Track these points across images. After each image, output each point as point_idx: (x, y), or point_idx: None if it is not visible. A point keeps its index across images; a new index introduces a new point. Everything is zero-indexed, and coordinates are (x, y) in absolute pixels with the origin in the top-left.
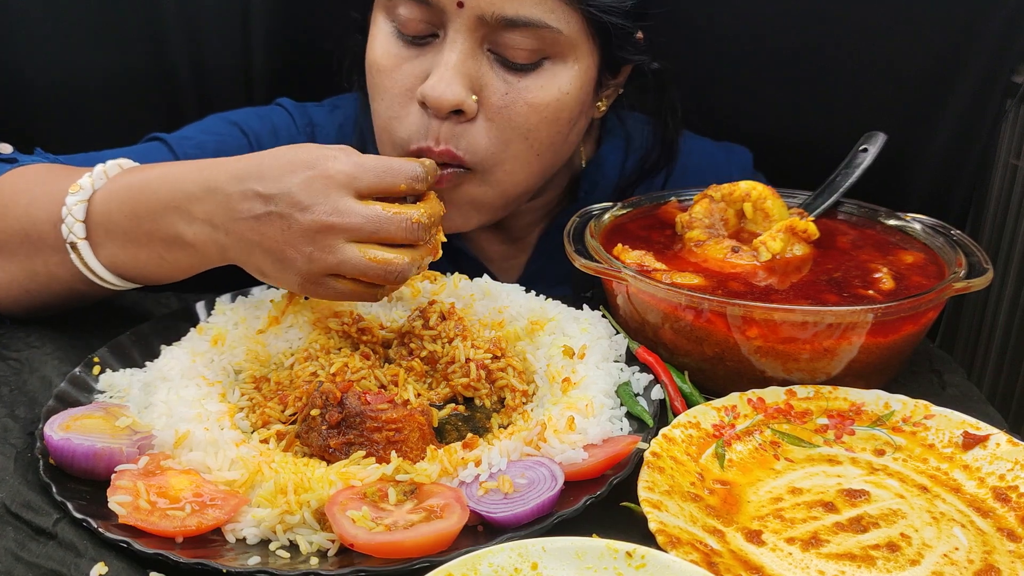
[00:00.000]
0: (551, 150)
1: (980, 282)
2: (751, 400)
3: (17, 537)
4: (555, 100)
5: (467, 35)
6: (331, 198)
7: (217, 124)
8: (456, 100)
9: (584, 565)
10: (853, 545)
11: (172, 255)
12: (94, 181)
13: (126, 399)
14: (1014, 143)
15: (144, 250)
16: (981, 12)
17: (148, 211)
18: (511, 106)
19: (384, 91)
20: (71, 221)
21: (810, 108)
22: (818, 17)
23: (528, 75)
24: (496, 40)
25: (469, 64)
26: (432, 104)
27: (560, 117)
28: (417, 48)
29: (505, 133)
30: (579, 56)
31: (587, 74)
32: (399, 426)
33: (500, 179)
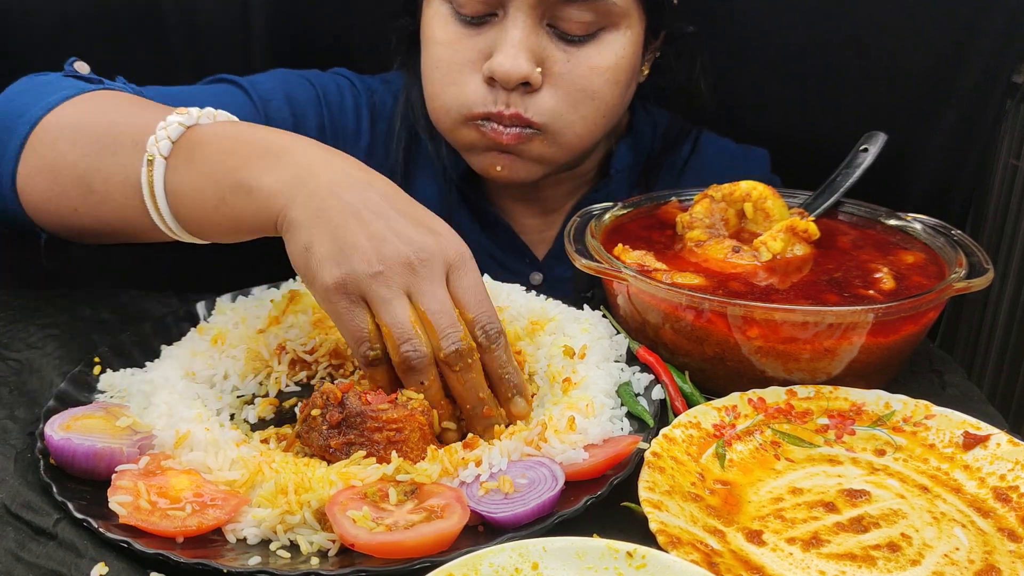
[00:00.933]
0: (613, 110)
1: (980, 282)
2: (752, 400)
3: (17, 538)
4: (614, 64)
5: (528, 12)
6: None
7: (287, 75)
8: (524, 73)
9: (585, 565)
10: (854, 545)
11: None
12: (202, 116)
13: (126, 399)
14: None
15: (211, 188)
16: (982, 12)
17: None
18: (574, 71)
19: (442, 61)
20: (162, 135)
21: (810, 108)
22: (818, 17)
23: (586, 45)
24: (555, 15)
25: (532, 39)
26: (502, 78)
27: (620, 79)
28: (475, 28)
29: (572, 95)
30: (630, 23)
31: (637, 39)
32: (400, 426)
33: (569, 140)
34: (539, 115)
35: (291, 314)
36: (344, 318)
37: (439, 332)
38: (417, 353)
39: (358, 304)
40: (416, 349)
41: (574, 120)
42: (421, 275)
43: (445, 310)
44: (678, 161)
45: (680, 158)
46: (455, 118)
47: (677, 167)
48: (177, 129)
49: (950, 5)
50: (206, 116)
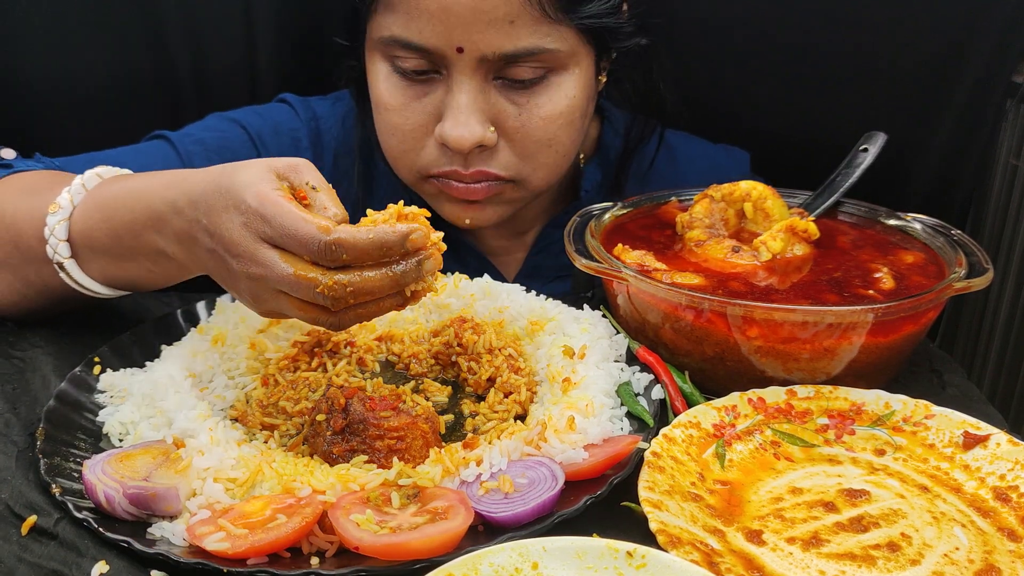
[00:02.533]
0: (574, 148)
1: (980, 282)
2: (751, 400)
3: (20, 538)
4: (566, 108)
5: (472, 74)
6: (251, 248)
7: (219, 122)
8: (477, 139)
9: (584, 565)
10: (853, 545)
11: (159, 266)
12: (72, 197)
13: (126, 399)
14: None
15: (131, 263)
16: (982, 12)
17: (126, 228)
18: (528, 124)
19: (395, 128)
20: (54, 242)
21: (811, 107)
22: (818, 17)
23: (535, 90)
24: (500, 71)
25: (480, 100)
26: (454, 146)
27: (574, 119)
28: (421, 85)
29: (529, 148)
30: (578, 61)
31: (588, 73)
32: (401, 434)
33: (536, 183)
34: (502, 168)
35: None
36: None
37: (292, 284)
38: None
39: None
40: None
41: (535, 167)
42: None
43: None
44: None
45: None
46: (416, 175)
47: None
48: (61, 227)
49: (950, 5)
50: (77, 192)
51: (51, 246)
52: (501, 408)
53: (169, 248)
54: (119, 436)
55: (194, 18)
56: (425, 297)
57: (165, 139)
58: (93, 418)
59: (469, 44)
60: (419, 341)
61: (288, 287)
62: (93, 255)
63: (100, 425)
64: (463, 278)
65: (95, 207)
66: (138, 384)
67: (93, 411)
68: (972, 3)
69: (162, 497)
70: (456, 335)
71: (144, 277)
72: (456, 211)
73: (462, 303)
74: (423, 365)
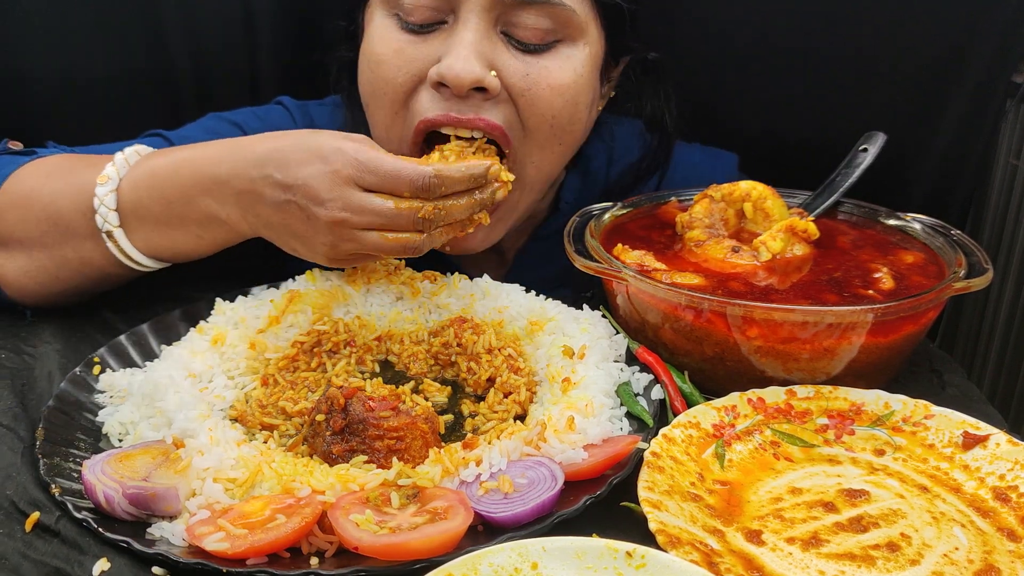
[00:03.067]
0: (570, 137)
1: (980, 282)
2: (751, 400)
3: (24, 535)
4: (573, 82)
5: (481, 14)
6: (344, 194)
7: (216, 123)
8: (477, 74)
9: (584, 565)
10: (853, 545)
11: (210, 233)
12: (118, 170)
13: (126, 399)
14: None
15: (180, 231)
16: (982, 12)
17: (179, 195)
18: (534, 88)
19: (386, 83)
20: (105, 211)
21: (810, 108)
22: (819, 17)
23: (543, 55)
24: (509, 20)
25: (484, 44)
26: (452, 82)
27: (578, 100)
28: (421, 36)
29: (532, 118)
30: (589, 40)
31: (596, 59)
32: (400, 434)
33: (524, 171)
34: (504, 120)
35: (291, 314)
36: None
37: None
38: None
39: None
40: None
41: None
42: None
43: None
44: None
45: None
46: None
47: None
48: (111, 197)
49: (951, 6)
50: (121, 166)
51: (101, 215)
52: (501, 408)
53: (223, 211)
54: (119, 436)
55: (194, 18)
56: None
57: (163, 137)
58: (93, 418)
59: None
60: (418, 341)
61: (388, 219)
62: (140, 224)
63: (100, 425)
64: (463, 278)
65: (144, 177)
66: (138, 384)
67: (93, 411)
68: (972, 6)
69: (162, 497)
70: (456, 335)
71: (190, 244)
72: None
73: (462, 303)
74: (422, 365)
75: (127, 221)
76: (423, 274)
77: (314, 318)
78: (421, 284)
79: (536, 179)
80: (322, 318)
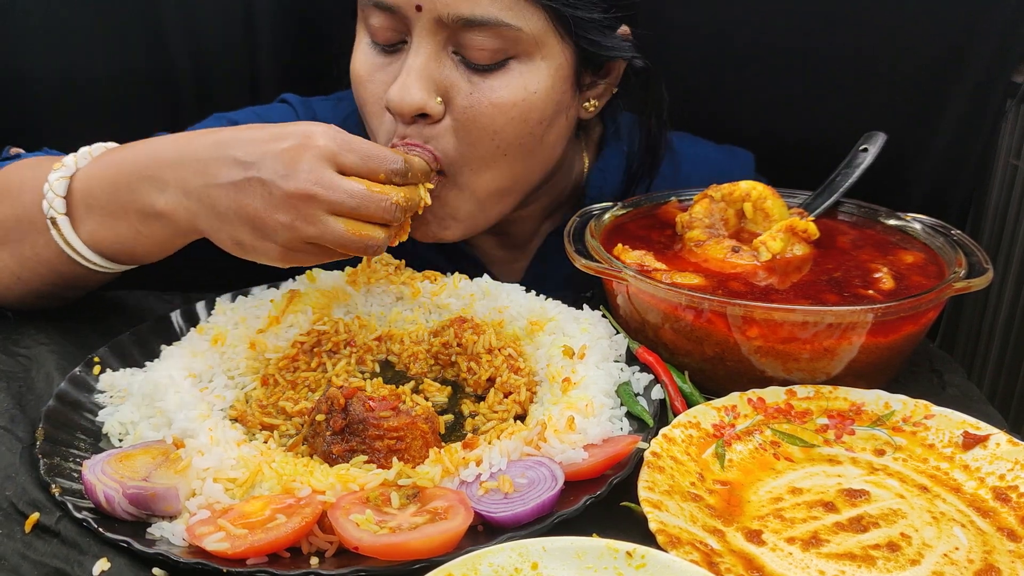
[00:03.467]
0: (521, 151)
1: (980, 282)
2: (751, 400)
3: (23, 536)
4: (521, 100)
5: (429, 38)
6: (316, 168)
7: (219, 122)
8: (417, 103)
9: (584, 565)
10: (853, 545)
11: (147, 227)
12: (78, 160)
13: (126, 399)
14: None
15: (122, 223)
16: (981, 12)
17: (125, 181)
18: (476, 106)
19: (364, 101)
20: (51, 196)
21: (810, 108)
22: (819, 17)
23: (493, 75)
24: (458, 41)
25: (432, 67)
26: (394, 109)
27: (529, 117)
28: (389, 56)
29: (472, 134)
30: (547, 54)
31: (559, 72)
32: (400, 435)
33: (469, 181)
34: (440, 151)
35: (291, 314)
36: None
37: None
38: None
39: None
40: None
41: (472, 159)
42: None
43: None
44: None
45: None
46: None
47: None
48: (61, 184)
49: (950, 6)
50: (83, 157)
51: (47, 201)
52: (501, 408)
53: (161, 200)
54: (119, 436)
55: (194, 18)
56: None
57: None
58: (93, 418)
59: (427, 1)
60: (419, 341)
61: (359, 201)
62: (88, 212)
63: (100, 425)
64: (463, 278)
65: (101, 164)
66: (138, 384)
67: (93, 411)
68: (972, 6)
69: (162, 497)
70: (456, 335)
71: (130, 239)
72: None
73: (462, 303)
74: (422, 365)
75: (75, 209)
76: (423, 274)
77: (314, 318)
78: (421, 284)
79: (477, 185)
80: (322, 318)
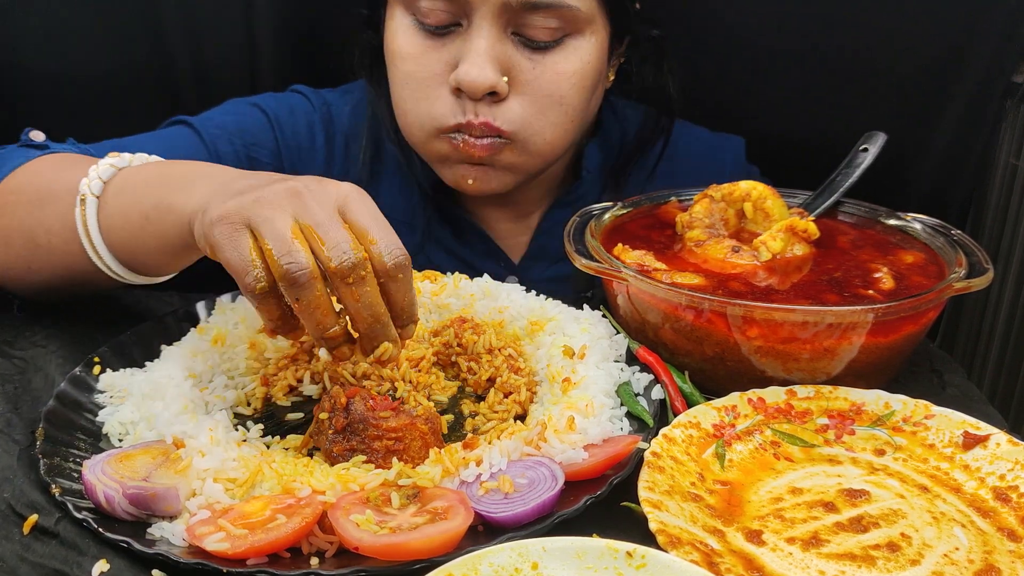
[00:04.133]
0: (581, 115)
1: (980, 282)
2: (751, 400)
3: (22, 537)
4: (579, 68)
5: (493, 21)
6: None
7: (238, 106)
8: (491, 83)
9: (584, 565)
10: (853, 545)
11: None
12: (134, 160)
13: (126, 399)
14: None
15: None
16: (981, 12)
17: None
18: (540, 78)
19: (410, 77)
20: (94, 175)
21: (810, 107)
22: (819, 17)
23: (552, 52)
24: (519, 23)
25: (497, 48)
26: (468, 88)
27: (586, 84)
28: (439, 38)
29: (539, 102)
30: (595, 29)
31: (601, 45)
32: (399, 435)
33: (539, 147)
34: (508, 123)
35: None
36: (226, 247)
37: (327, 242)
38: (296, 264)
39: (241, 231)
40: (295, 260)
41: (543, 126)
42: (306, 198)
43: (333, 221)
44: (651, 158)
45: (653, 155)
46: (427, 132)
47: (649, 164)
48: (108, 170)
49: (950, 6)
50: (139, 160)
51: (88, 179)
52: (501, 408)
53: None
54: (119, 436)
55: (194, 18)
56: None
57: (187, 124)
58: (93, 418)
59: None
60: (419, 341)
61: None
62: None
63: (100, 425)
64: (463, 278)
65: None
66: (138, 384)
67: (93, 411)
68: (972, 6)
69: (162, 497)
70: (456, 335)
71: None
72: (460, 171)
73: (462, 303)
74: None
75: (107, 193)
76: (423, 274)
77: None
78: (421, 284)
79: (545, 151)
80: None
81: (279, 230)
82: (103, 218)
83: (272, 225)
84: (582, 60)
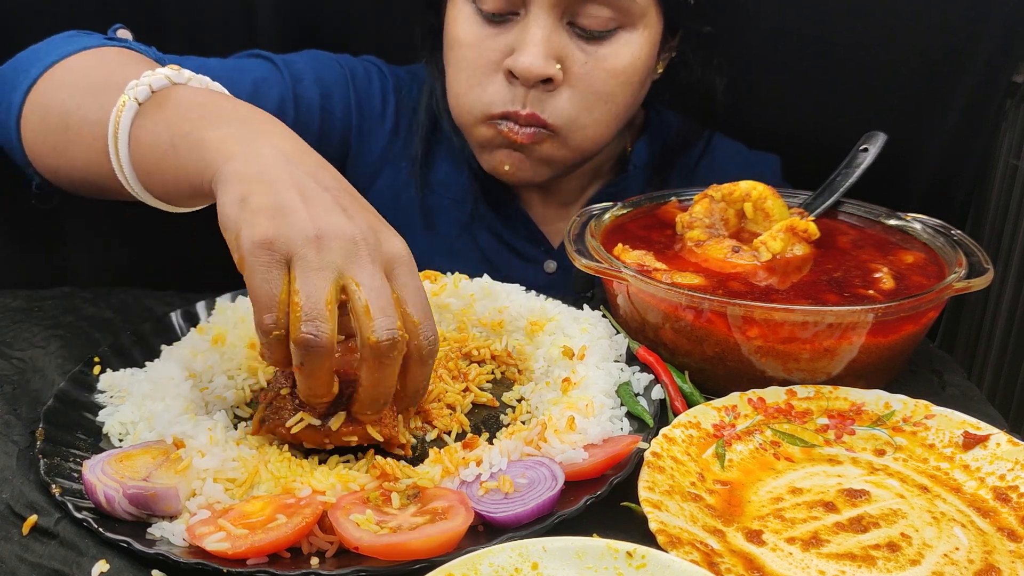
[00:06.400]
0: (626, 112)
1: (980, 282)
2: (751, 400)
3: (21, 538)
4: (629, 64)
5: (550, 11)
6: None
7: (318, 56)
8: (545, 71)
9: (584, 565)
10: (853, 545)
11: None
12: (192, 78)
13: (126, 399)
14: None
15: (164, 134)
16: (981, 12)
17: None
18: (591, 73)
19: (466, 62)
20: (144, 82)
21: (810, 108)
22: (818, 18)
23: (604, 43)
24: (575, 12)
25: (553, 38)
26: (523, 75)
27: (634, 80)
28: (497, 26)
29: (588, 99)
30: (647, 23)
31: (653, 39)
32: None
33: (579, 142)
34: (554, 117)
35: None
36: (257, 278)
37: (375, 313)
38: (317, 337)
39: (278, 266)
40: (318, 332)
41: (587, 123)
42: (362, 254)
43: (384, 291)
44: (690, 161)
45: (692, 158)
46: (476, 116)
47: (689, 167)
48: (161, 80)
49: (950, 5)
50: (198, 80)
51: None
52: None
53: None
54: (119, 436)
55: (195, 19)
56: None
57: (266, 59)
58: (93, 418)
59: None
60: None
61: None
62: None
63: (100, 425)
64: (463, 278)
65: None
66: (138, 384)
67: (93, 411)
68: (972, 6)
69: (162, 497)
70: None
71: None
72: (499, 156)
73: (462, 303)
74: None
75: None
76: (423, 274)
77: None
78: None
79: (585, 147)
80: None
81: (316, 291)
82: (136, 127)
83: (311, 283)
84: (633, 55)
